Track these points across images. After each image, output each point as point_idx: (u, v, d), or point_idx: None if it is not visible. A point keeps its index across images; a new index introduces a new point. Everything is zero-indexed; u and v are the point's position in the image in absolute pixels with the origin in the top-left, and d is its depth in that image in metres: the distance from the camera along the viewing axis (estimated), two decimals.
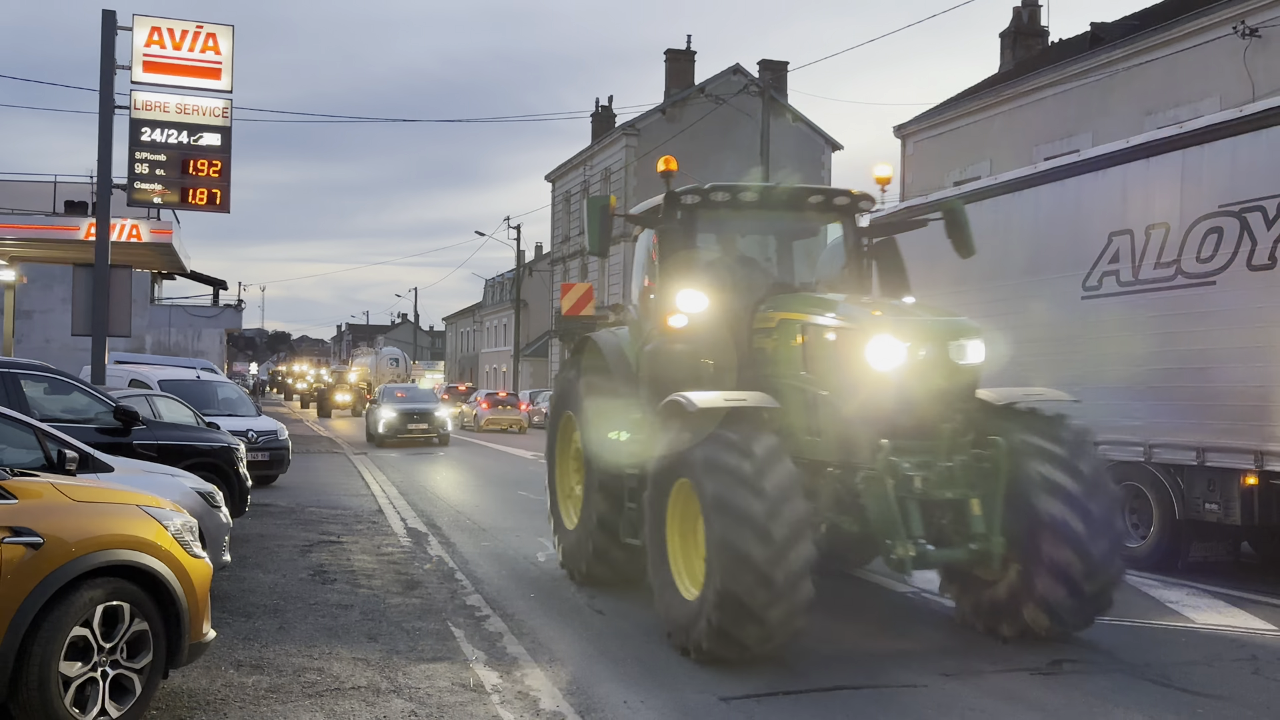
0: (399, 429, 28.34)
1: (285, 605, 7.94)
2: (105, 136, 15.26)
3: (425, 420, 28.90)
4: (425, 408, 29.65)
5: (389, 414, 28.57)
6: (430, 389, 34.19)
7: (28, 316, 35.88)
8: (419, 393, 32.79)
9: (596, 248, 8.27)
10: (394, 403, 29.59)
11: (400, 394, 31.18)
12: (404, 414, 28.66)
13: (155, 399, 14.09)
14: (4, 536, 4.49)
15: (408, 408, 29.19)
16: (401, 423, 28.42)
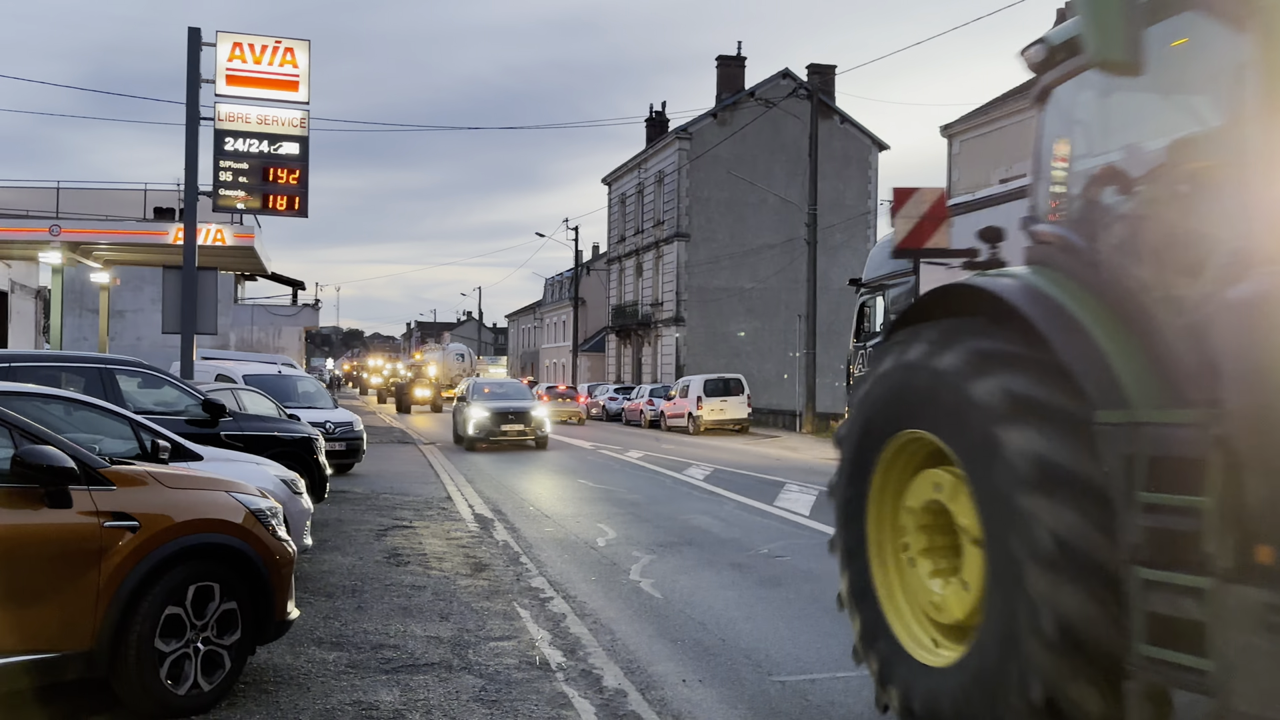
0: (491, 430, 24.75)
1: (362, 586, 8.32)
2: (192, 146, 15.88)
3: (521, 420, 25.08)
4: (521, 406, 25.70)
5: (480, 413, 24.88)
6: (523, 384, 30.25)
7: (121, 316, 37.41)
8: (512, 388, 28.81)
9: (1116, 50, 3.62)
10: (485, 400, 25.87)
11: (491, 390, 27.37)
12: (497, 413, 24.92)
13: (240, 392, 14.58)
14: (105, 521, 4.72)
15: (501, 406, 25.33)
16: (494, 423, 24.77)
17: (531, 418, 25.25)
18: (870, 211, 53.08)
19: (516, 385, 29.55)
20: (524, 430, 25.02)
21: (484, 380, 30.11)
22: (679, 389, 37.32)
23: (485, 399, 25.97)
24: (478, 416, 24.90)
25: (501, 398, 26.30)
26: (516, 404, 25.76)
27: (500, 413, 24.98)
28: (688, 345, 51.33)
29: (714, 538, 11.56)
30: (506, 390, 27.86)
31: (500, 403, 25.60)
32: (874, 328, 16.91)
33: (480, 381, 29.00)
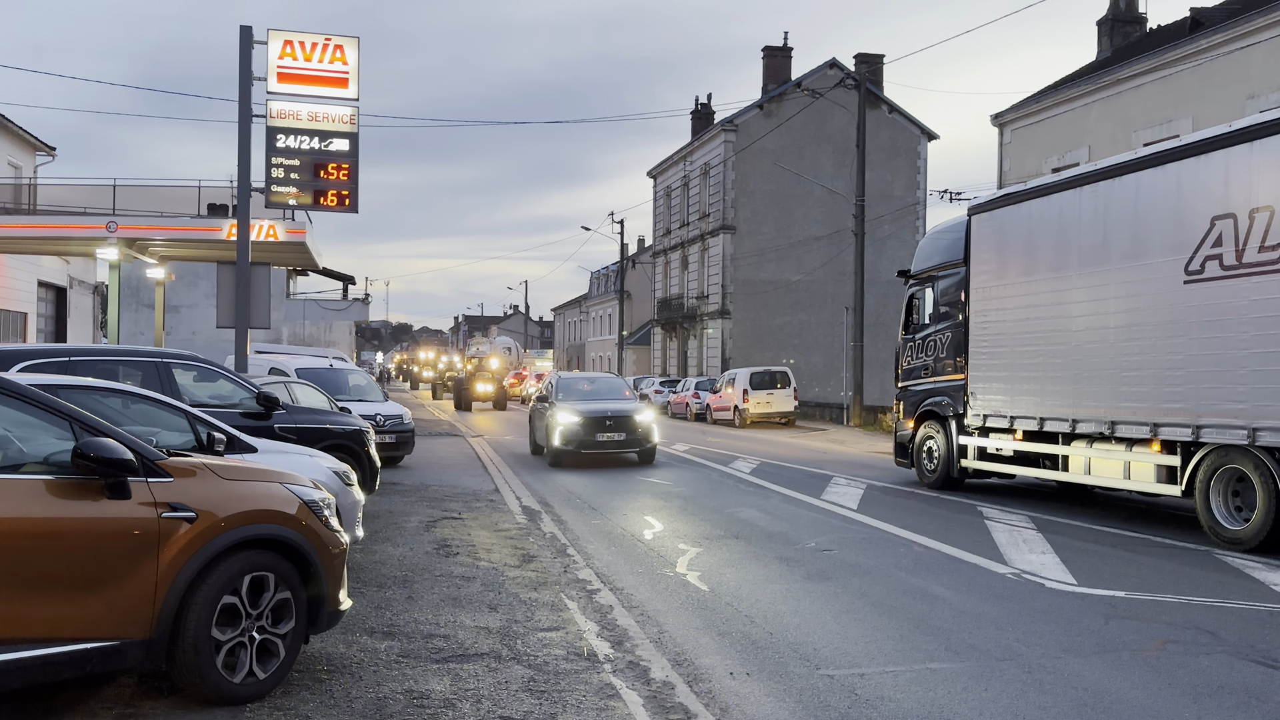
0: (583, 440, 19.00)
1: (413, 577, 8.41)
2: (244, 144, 16.12)
3: (622, 427, 19.37)
4: (621, 408, 19.90)
5: (568, 419, 19.11)
6: (620, 379, 23.80)
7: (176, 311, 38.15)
8: (607, 385, 22.38)
9: None
10: (574, 401, 20.16)
11: (582, 387, 21.75)
12: (591, 419, 19.16)
13: (293, 386, 14.82)
14: (162, 512, 4.80)
15: (596, 409, 19.55)
16: (587, 431, 19.02)
17: (636, 424, 19.48)
18: (919, 202, 52.49)
19: (613, 381, 22.93)
20: (625, 440, 19.41)
21: (573, 375, 24.11)
22: (725, 382, 37.21)
23: (575, 399, 20.28)
24: (566, 423, 19.05)
25: (595, 397, 20.62)
26: (615, 406, 19.96)
27: (595, 418, 19.20)
28: (733, 338, 51.16)
29: (761, 531, 11.52)
30: (600, 388, 21.72)
31: (594, 404, 19.91)
32: (923, 320, 16.73)
33: (568, 377, 22.89)
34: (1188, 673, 6.13)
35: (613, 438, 19.24)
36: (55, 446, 4.74)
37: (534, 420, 21.68)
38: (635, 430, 19.46)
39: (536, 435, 21.18)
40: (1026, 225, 13.86)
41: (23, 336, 30.31)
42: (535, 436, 21.33)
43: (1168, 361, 11.16)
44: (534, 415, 21.76)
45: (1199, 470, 10.85)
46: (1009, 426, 14.10)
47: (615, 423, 19.34)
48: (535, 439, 21.34)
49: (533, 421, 21.85)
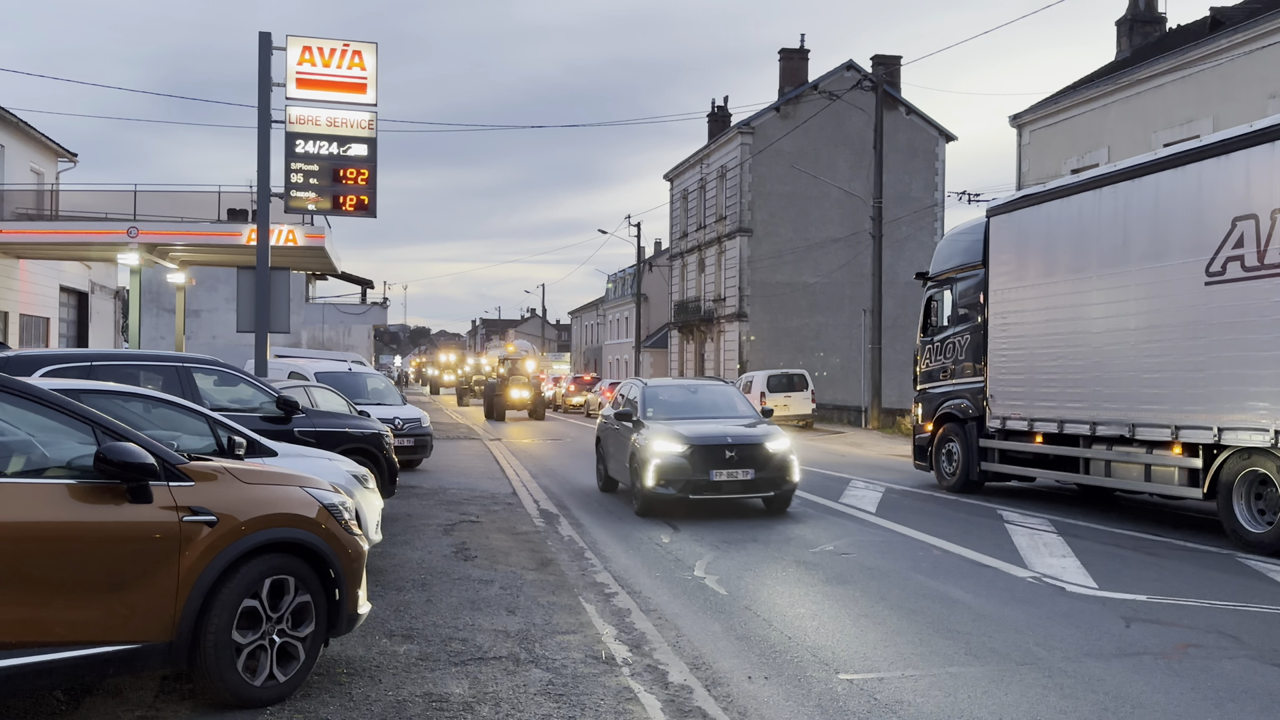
0: (693, 480, 12.65)
1: (431, 580, 8.43)
2: (264, 149, 16.22)
3: (750, 460, 12.83)
4: (746, 433, 13.24)
5: (668, 446, 12.82)
6: (730, 387, 16.01)
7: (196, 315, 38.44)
8: (712, 394, 15.16)
9: None
10: (673, 418, 13.81)
11: (678, 400, 14.73)
12: (704, 448, 12.73)
13: (312, 389, 14.90)
14: (184, 516, 4.82)
15: (708, 433, 13.07)
16: (700, 465, 12.68)
17: (769, 455, 12.85)
18: (937, 204, 52.29)
19: (720, 391, 15.38)
20: (754, 480, 12.75)
21: (665, 383, 15.83)
22: (742, 385, 37.18)
23: (672, 417, 13.79)
24: (664, 453, 12.71)
25: (700, 413, 14.09)
26: (735, 428, 13.31)
27: (709, 447, 12.70)
28: (751, 341, 51.09)
29: (778, 534, 11.50)
30: (706, 399, 14.81)
31: (703, 425, 13.33)
32: (941, 322, 16.67)
33: (658, 386, 15.31)
34: (1210, 677, 6.08)
35: (736, 476, 12.57)
36: (78, 451, 4.78)
37: (605, 444, 15.40)
38: (768, 464, 12.67)
39: (610, 465, 15.11)
40: (1046, 227, 13.79)
41: (45, 341, 30.59)
42: (608, 467, 15.29)
43: (1189, 363, 11.08)
44: (605, 437, 15.46)
45: (1221, 473, 10.76)
46: (1028, 429, 14.03)
47: (739, 453, 12.64)
48: (608, 470, 15.32)
49: (603, 446, 15.64)
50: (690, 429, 13.08)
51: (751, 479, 12.74)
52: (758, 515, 12.99)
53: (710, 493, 12.71)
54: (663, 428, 13.18)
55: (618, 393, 16.27)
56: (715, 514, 13.08)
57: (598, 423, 16.57)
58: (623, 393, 15.82)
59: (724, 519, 12.65)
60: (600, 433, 16.09)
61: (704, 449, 12.70)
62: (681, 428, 13.12)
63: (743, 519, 12.66)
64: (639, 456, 13.00)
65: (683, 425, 13.26)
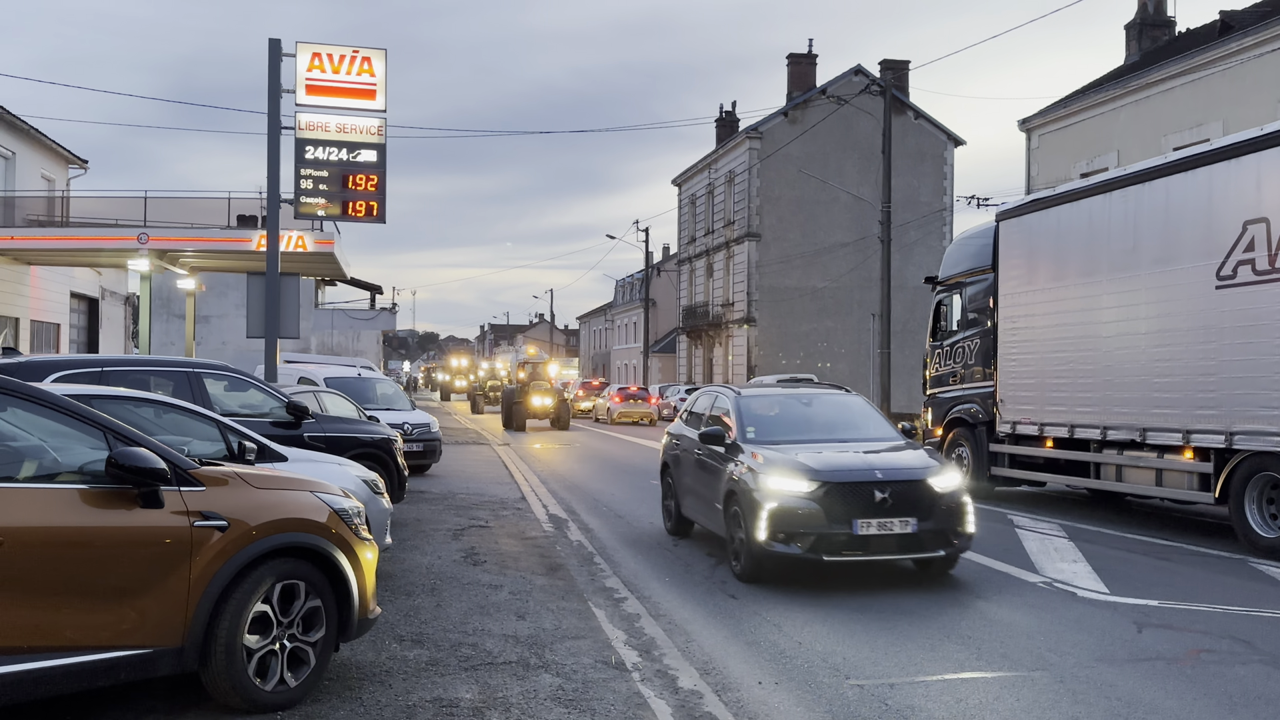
0: (827, 532, 8.62)
1: (441, 585, 8.43)
2: (273, 155, 16.28)
3: (910, 505, 8.72)
4: (901, 468, 9.12)
5: (789, 484, 8.79)
6: (856, 397, 11.10)
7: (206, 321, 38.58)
8: (836, 407, 10.93)
9: None
10: (784, 441, 9.75)
11: (794, 412, 10.69)
12: (844, 490, 8.69)
13: (322, 395, 14.88)
14: (194, 521, 4.84)
15: (846, 464, 9.09)
16: (838, 511, 8.62)
17: (935, 497, 8.92)
18: (946, 208, 52.22)
19: (843, 402, 11.11)
20: (916, 534, 8.78)
21: (760, 392, 11.21)
22: None
23: (783, 440, 9.90)
24: (782, 491, 8.85)
25: (821, 435, 10.17)
26: (883, 458, 9.47)
27: (852, 485, 8.81)
28: (759, 345, 51.04)
29: None
30: (823, 415, 10.78)
31: (835, 453, 9.49)
32: (951, 326, 16.64)
33: (753, 396, 10.91)
34: (1223, 682, 6.05)
35: (890, 528, 8.66)
36: (89, 456, 4.80)
37: (678, 474, 11.46)
38: (934, 510, 8.80)
39: (685, 502, 11.23)
40: (1055, 231, 13.76)
41: (56, 347, 30.72)
42: (680, 504, 11.41)
43: (1200, 368, 11.04)
44: (677, 464, 11.49)
45: (1233, 477, 10.71)
46: (1039, 434, 13.98)
47: (894, 495, 8.73)
48: (680, 507, 11.43)
49: (672, 475, 11.66)
50: (817, 458, 9.01)
51: (913, 533, 8.60)
52: None
53: (854, 552, 8.57)
54: (775, 456, 9.13)
55: (690, 405, 12.04)
56: None
57: (664, 442, 12.33)
58: (701, 405, 11.61)
59: None
60: (668, 456, 11.90)
61: (842, 488, 8.63)
62: (804, 455, 9.06)
63: None
64: (744, 497, 8.98)
65: (804, 452, 9.17)
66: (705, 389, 12.19)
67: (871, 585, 8.91)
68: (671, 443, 12.02)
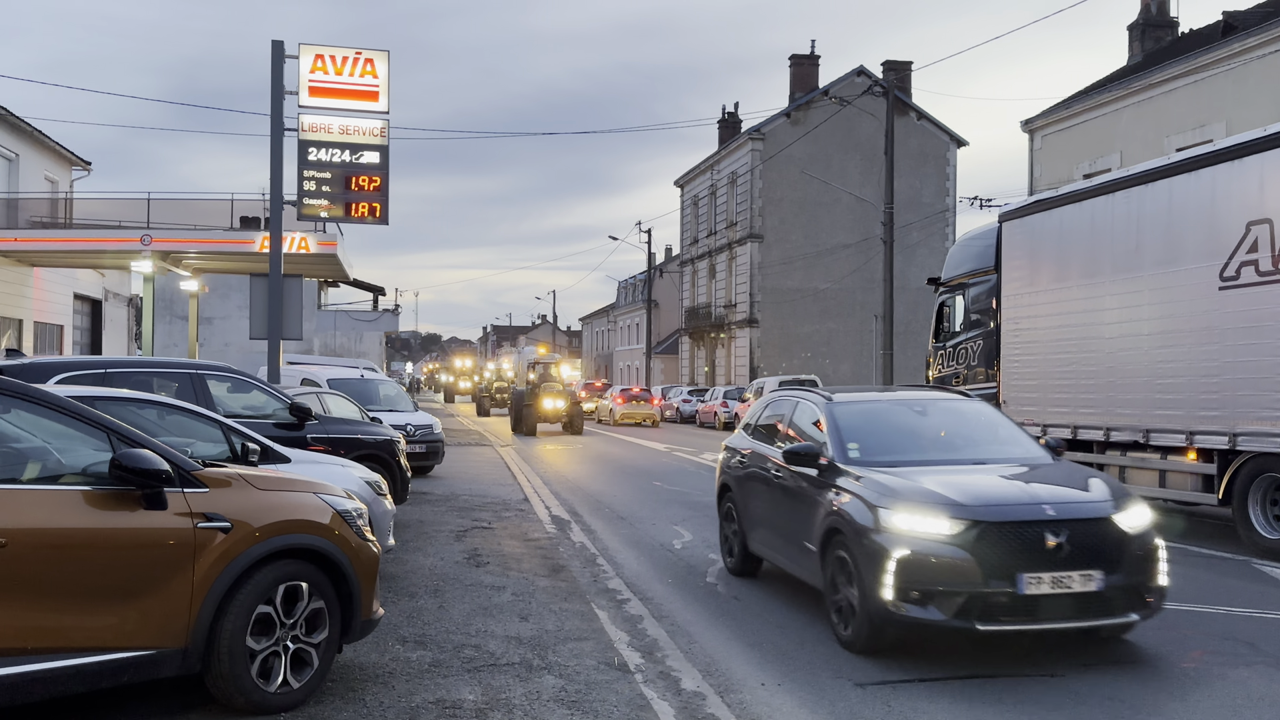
0: (991, 593, 6.18)
1: (444, 586, 8.43)
2: (276, 157, 16.30)
3: (1093, 553, 6.31)
4: (1076, 501, 6.67)
5: (923, 522, 6.36)
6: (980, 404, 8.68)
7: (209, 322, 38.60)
8: (952, 419, 8.37)
9: None
10: (900, 462, 7.25)
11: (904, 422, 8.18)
12: (1003, 532, 6.24)
13: (325, 396, 14.91)
14: (198, 522, 4.85)
15: (1004, 497, 6.72)
16: (997, 560, 6.19)
17: (1123, 539, 6.48)
18: (949, 209, 52.21)
19: (964, 410, 8.53)
20: (1103, 588, 6.31)
21: (858, 398, 8.62)
22: (753, 391, 37.12)
23: (898, 460, 7.36)
24: (916, 532, 6.38)
25: (944, 454, 7.75)
26: (1048, 487, 7.05)
27: (1014, 525, 6.33)
28: (762, 347, 51.03)
29: None
30: (942, 428, 8.28)
31: (978, 477, 7.07)
32: (953, 327, 16.62)
33: (851, 403, 8.31)
34: (1226, 684, 6.05)
35: (1069, 583, 6.32)
36: (93, 458, 4.81)
37: (744, 498, 9.22)
38: (1122, 557, 6.51)
39: (756, 535, 8.97)
40: (1058, 232, 13.75)
41: (59, 349, 30.76)
42: (748, 535, 9.14)
43: (1203, 369, 11.03)
44: (743, 486, 9.25)
45: (1236, 479, 10.70)
46: (1041, 435, 13.97)
47: (1072, 538, 6.38)
48: (747, 539, 9.16)
49: (736, 498, 9.41)
50: (958, 486, 6.70)
51: (1098, 590, 6.35)
52: None
53: (1018, 619, 6.31)
54: (896, 482, 6.81)
55: (758, 414, 9.55)
56: None
57: (720, 459, 9.95)
58: (774, 414, 9.11)
59: None
60: (729, 477, 9.56)
61: (1002, 530, 6.35)
62: (936, 482, 6.77)
63: None
64: (856, 539, 6.70)
65: (932, 477, 6.91)
66: (779, 394, 9.51)
67: None
68: (733, 460, 9.50)
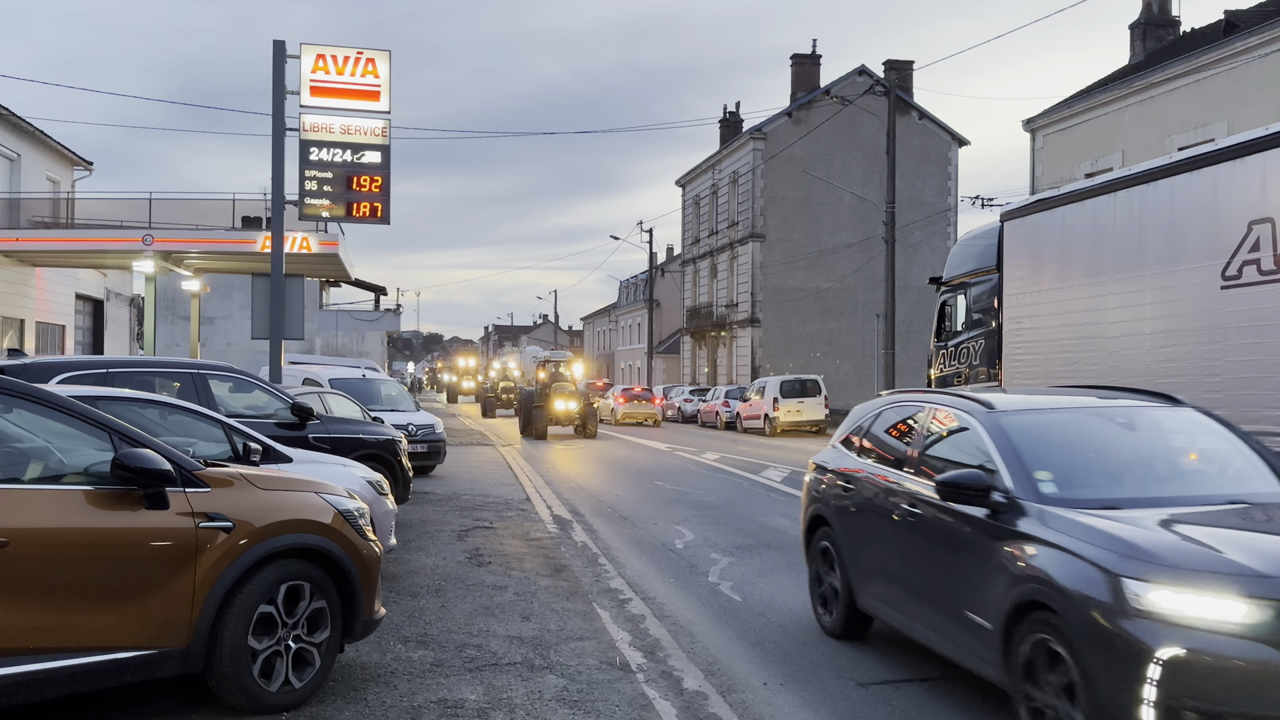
0: None
1: (446, 586, 8.43)
2: (278, 157, 16.28)
3: None
4: None
5: (1205, 606, 4.09)
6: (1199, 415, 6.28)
7: (211, 322, 38.61)
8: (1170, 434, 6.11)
9: None
10: (1115, 496, 5.18)
11: (1101, 442, 5.87)
12: None
13: (326, 396, 14.90)
14: (200, 522, 4.85)
15: None
16: None
17: None
18: (950, 209, 52.19)
19: (1185, 423, 6.23)
20: None
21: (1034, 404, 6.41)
22: (755, 390, 37.12)
23: (1121, 497, 5.17)
24: (1194, 619, 4.12)
25: (1187, 486, 5.56)
26: None
27: None
28: (763, 346, 51.03)
29: (793, 540, 11.44)
30: (1176, 450, 6.06)
31: None
32: (955, 327, 16.61)
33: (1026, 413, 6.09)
34: None
35: None
36: (95, 457, 4.81)
37: (843, 535, 7.13)
38: None
39: (871, 591, 6.75)
40: (1060, 231, 13.74)
41: (61, 349, 30.77)
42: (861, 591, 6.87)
43: (1205, 368, 11.01)
44: (846, 521, 7.12)
45: None
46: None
47: None
48: (853, 589, 6.96)
49: (835, 538, 7.22)
50: (1243, 543, 4.60)
51: None
52: (771, 521, 12.95)
53: None
54: (1146, 537, 4.63)
55: (869, 422, 7.37)
56: (727, 519, 13.05)
57: (808, 481, 7.89)
58: (902, 425, 6.97)
59: (736, 525, 12.62)
60: (826, 508, 7.40)
61: None
62: (1204, 535, 4.64)
63: (755, 524, 12.63)
64: (1090, 627, 4.47)
65: (1191, 527, 4.78)
66: (896, 398, 7.35)
67: None
68: (830, 485, 7.35)
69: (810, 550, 7.64)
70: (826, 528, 7.34)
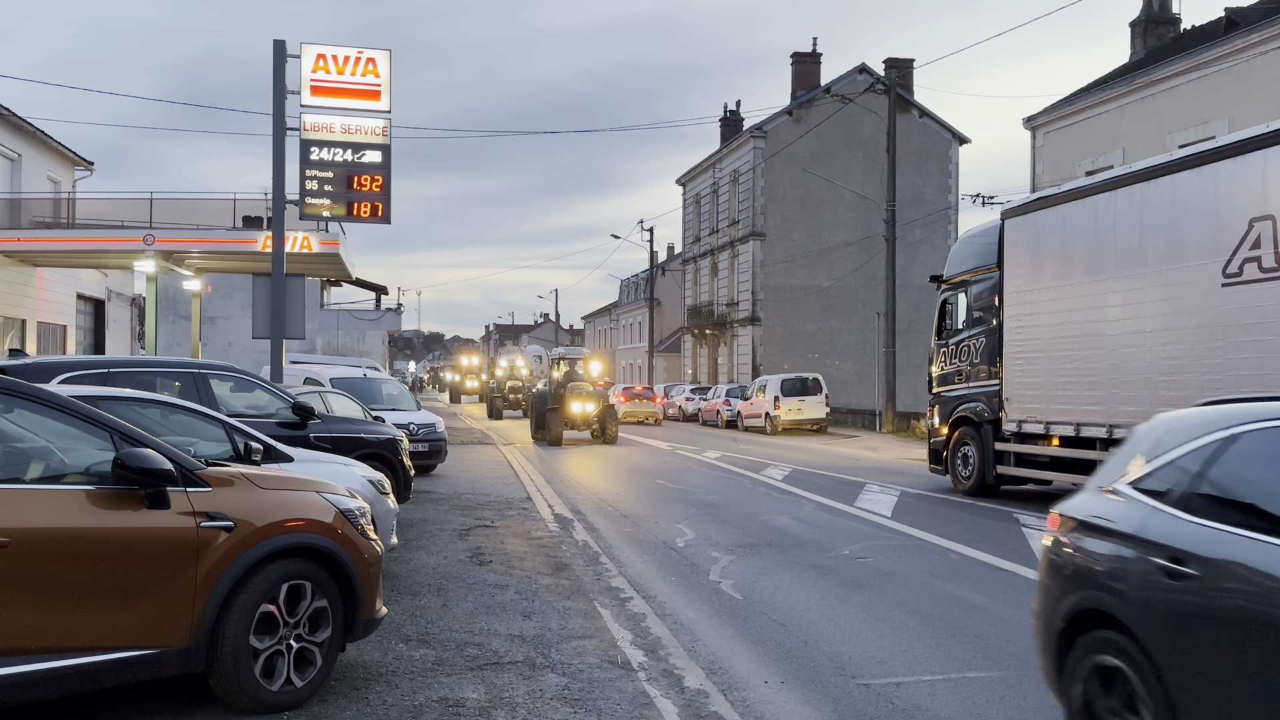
0: None
1: (447, 585, 8.44)
2: (279, 157, 16.30)
3: None
4: None
5: None
6: None
7: (212, 322, 38.64)
8: None
9: None
10: None
11: None
12: None
13: (327, 395, 14.88)
14: (201, 522, 4.85)
15: None
16: None
17: None
18: (951, 207, 52.17)
19: None
20: None
21: None
22: (756, 389, 37.12)
23: None
24: None
25: None
26: None
27: None
28: (764, 345, 51.03)
29: (794, 539, 11.47)
30: None
31: None
32: (956, 325, 16.62)
33: None
34: None
35: None
36: (96, 457, 4.81)
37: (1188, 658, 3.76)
38: None
39: None
40: (1061, 229, 13.75)
41: (62, 349, 30.79)
42: None
43: (1206, 365, 11.02)
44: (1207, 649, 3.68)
45: None
46: (1045, 432, 13.96)
47: None
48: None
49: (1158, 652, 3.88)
50: None
51: None
52: (772, 519, 12.95)
53: None
54: None
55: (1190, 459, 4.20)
56: (728, 518, 13.06)
57: (1048, 542, 4.87)
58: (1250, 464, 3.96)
59: (737, 523, 12.63)
60: (1118, 601, 4.18)
61: None
62: None
63: (756, 523, 12.64)
64: None
65: None
66: (1224, 413, 4.30)
67: (877, 585, 8.91)
68: (1122, 562, 4.25)
69: (1068, 671, 4.45)
70: (1116, 634, 4.17)
